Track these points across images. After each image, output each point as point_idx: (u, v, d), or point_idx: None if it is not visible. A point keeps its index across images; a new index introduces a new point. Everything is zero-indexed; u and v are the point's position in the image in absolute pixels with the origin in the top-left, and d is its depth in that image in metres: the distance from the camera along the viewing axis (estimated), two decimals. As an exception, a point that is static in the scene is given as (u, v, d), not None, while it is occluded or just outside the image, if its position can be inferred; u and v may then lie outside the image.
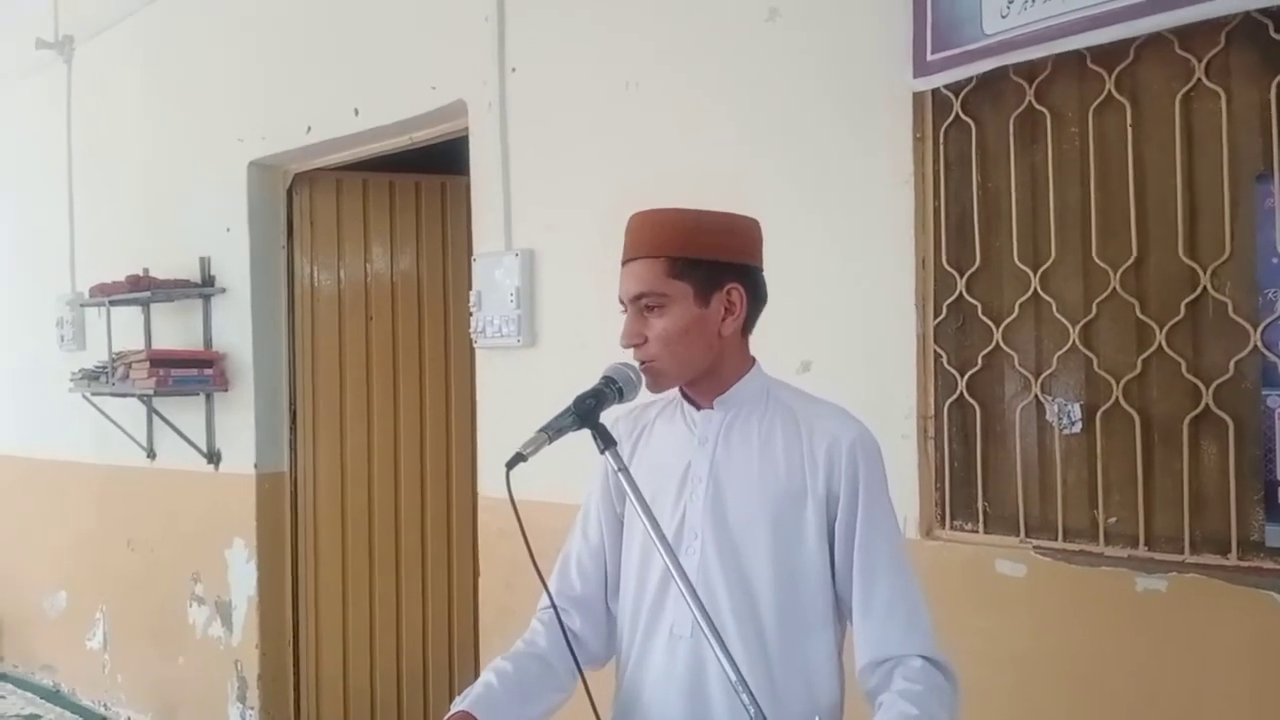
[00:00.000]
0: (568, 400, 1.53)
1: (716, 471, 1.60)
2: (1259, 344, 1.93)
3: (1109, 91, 2.10)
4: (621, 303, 1.61)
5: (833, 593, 1.59)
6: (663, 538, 1.45)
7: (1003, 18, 2.15)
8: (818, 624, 1.58)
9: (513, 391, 3.26)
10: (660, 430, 1.68)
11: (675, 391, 1.66)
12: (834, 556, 1.57)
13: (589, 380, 1.57)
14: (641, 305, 1.57)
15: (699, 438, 1.63)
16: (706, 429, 1.63)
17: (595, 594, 1.74)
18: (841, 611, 1.61)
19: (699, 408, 1.65)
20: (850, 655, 1.58)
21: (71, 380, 4.67)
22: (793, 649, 1.56)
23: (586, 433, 1.52)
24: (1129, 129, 2.08)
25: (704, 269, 1.57)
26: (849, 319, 2.47)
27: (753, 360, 1.67)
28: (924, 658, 1.51)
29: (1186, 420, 2.01)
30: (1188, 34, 1.98)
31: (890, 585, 1.54)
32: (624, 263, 1.61)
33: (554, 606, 1.65)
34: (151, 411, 4.58)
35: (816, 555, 1.56)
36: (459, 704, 1.56)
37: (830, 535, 1.57)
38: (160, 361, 4.24)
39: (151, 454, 4.73)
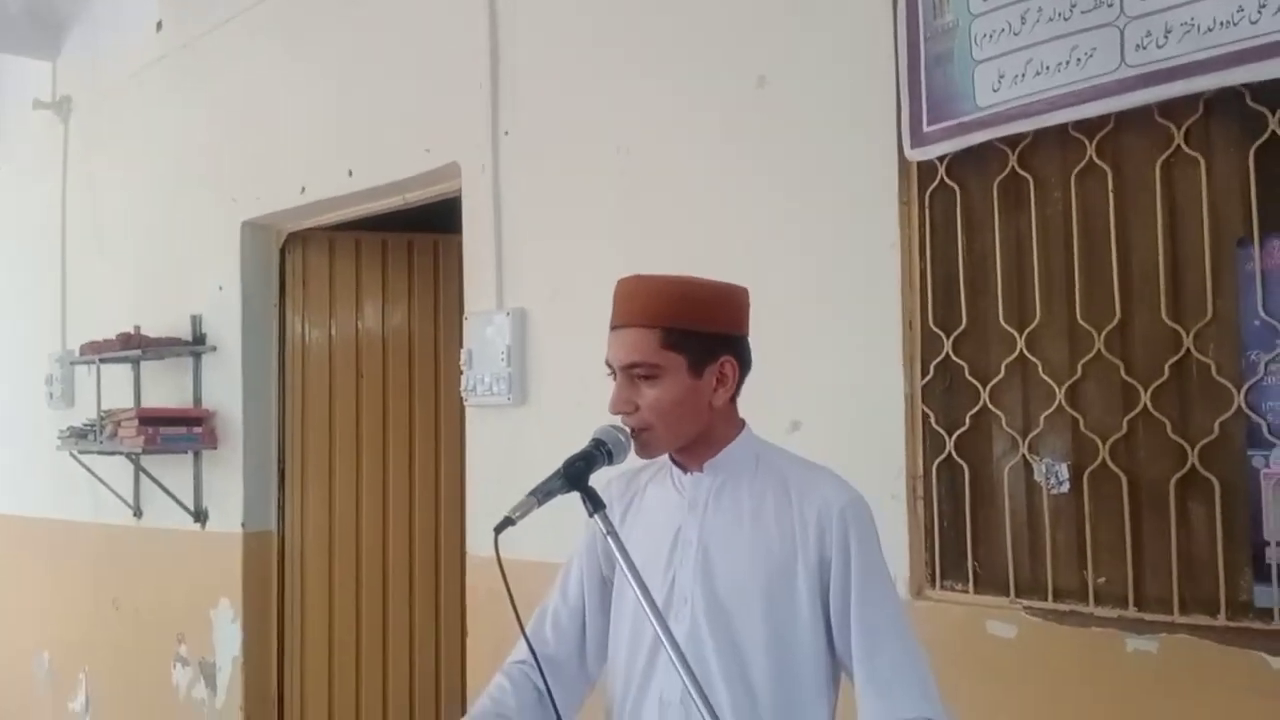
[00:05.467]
0: (558, 460, 1.53)
1: (706, 536, 1.60)
2: (1243, 405, 1.95)
3: (1090, 158, 2.14)
4: (609, 367, 1.61)
5: (827, 661, 1.57)
6: (652, 603, 1.44)
7: (994, 91, 2.20)
8: (812, 693, 1.56)
9: (503, 450, 3.26)
10: (652, 494, 1.68)
11: (666, 455, 1.66)
12: (830, 623, 1.55)
13: (579, 440, 1.58)
14: (633, 374, 1.56)
15: (689, 502, 1.63)
16: (696, 493, 1.62)
17: (568, 654, 1.72)
18: (836, 680, 1.59)
19: (688, 471, 1.64)
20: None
21: (59, 438, 4.66)
22: (788, 712, 1.54)
23: (576, 494, 1.52)
24: (1110, 195, 2.12)
25: (698, 340, 1.57)
26: (837, 379, 2.49)
27: (742, 423, 1.67)
28: None
29: (1173, 481, 2.02)
30: (1167, 103, 2.03)
31: (895, 651, 1.52)
32: (614, 327, 1.60)
33: (538, 664, 1.61)
34: (139, 470, 4.56)
35: (810, 623, 1.55)
36: None
37: (825, 603, 1.55)
38: (149, 420, 4.23)
39: (138, 513, 4.70)
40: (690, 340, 1.56)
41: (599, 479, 1.56)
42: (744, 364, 1.64)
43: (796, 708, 1.55)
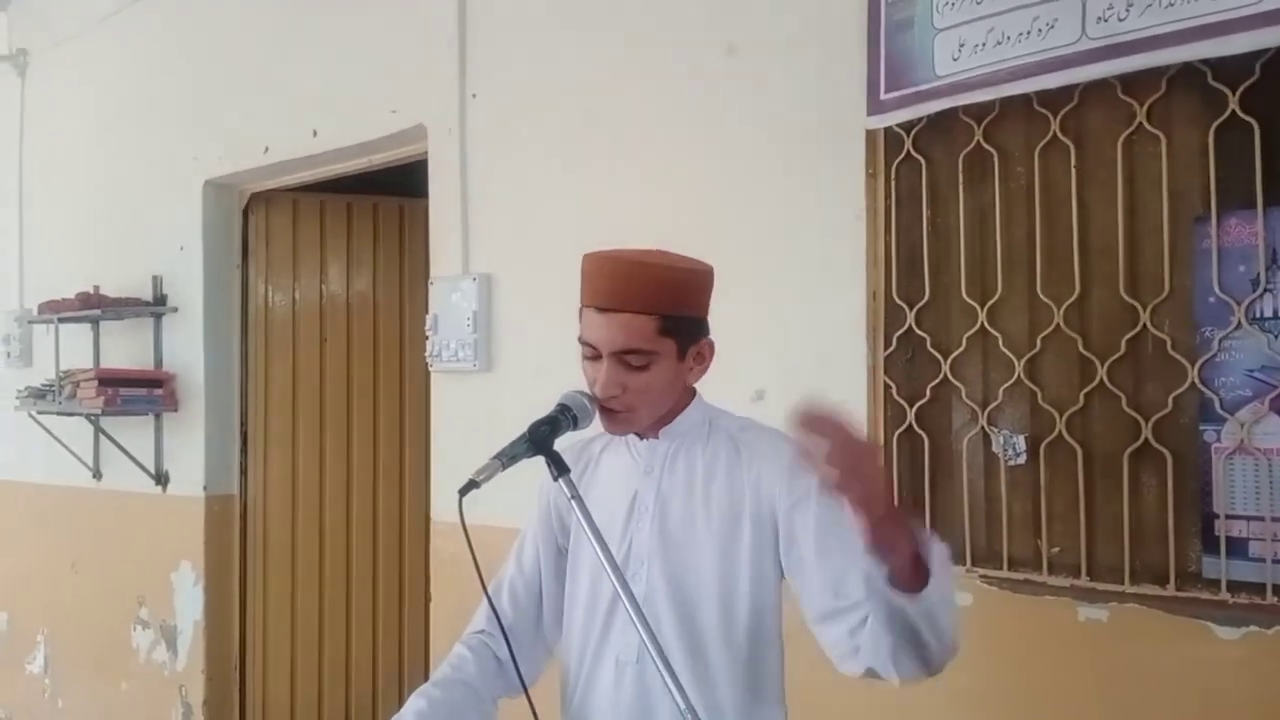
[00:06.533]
0: (523, 426, 1.54)
1: (663, 500, 1.63)
2: (1196, 380, 1.99)
3: (1054, 133, 2.16)
4: (590, 346, 1.58)
5: (775, 616, 1.61)
6: (614, 565, 1.47)
7: (954, 60, 2.21)
8: (763, 645, 1.60)
9: (468, 416, 3.26)
10: (606, 461, 1.70)
11: None
12: (783, 556, 1.56)
13: (545, 406, 1.58)
14: (623, 359, 1.55)
15: (644, 467, 1.65)
16: (652, 459, 1.65)
17: (526, 622, 1.75)
18: (782, 634, 1.63)
19: (643, 438, 1.67)
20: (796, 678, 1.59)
21: (17, 398, 4.59)
22: (738, 671, 1.58)
23: (541, 459, 1.53)
24: (1073, 170, 2.14)
25: (687, 326, 1.59)
26: (802, 350, 2.51)
27: (694, 390, 1.69)
28: None
29: (1127, 454, 2.06)
30: (1130, 80, 2.05)
31: (848, 552, 1.46)
32: (602, 309, 1.56)
33: (500, 626, 1.64)
34: (99, 431, 4.51)
35: (760, 577, 1.58)
36: None
37: (776, 558, 1.58)
38: (109, 381, 4.18)
39: (98, 474, 4.66)
40: (681, 326, 1.58)
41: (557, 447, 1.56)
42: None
43: (748, 661, 1.59)
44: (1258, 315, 1.94)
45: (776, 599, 1.62)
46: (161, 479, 4.39)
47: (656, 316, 1.54)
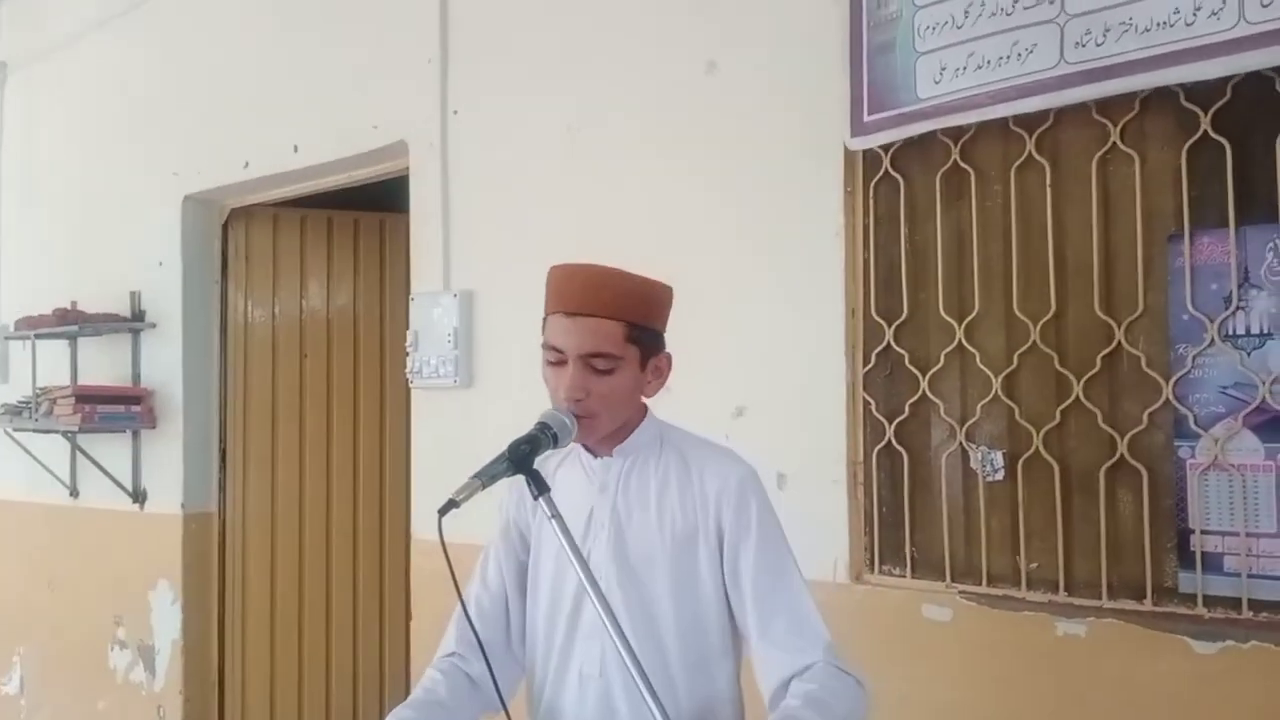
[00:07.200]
0: (504, 442, 1.54)
1: (618, 517, 1.66)
2: (1171, 397, 2.01)
3: (1030, 153, 2.18)
4: (556, 351, 1.61)
5: (730, 625, 1.64)
6: (593, 581, 1.48)
7: (935, 83, 2.23)
8: (718, 652, 1.64)
9: (449, 432, 3.25)
10: (561, 479, 1.70)
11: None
12: (728, 588, 1.62)
13: (526, 422, 1.58)
14: (592, 363, 1.58)
15: (599, 485, 1.68)
16: (606, 476, 1.68)
17: (495, 638, 1.75)
18: (738, 641, 1.66)
19: (597, 455, 1.69)
20: (752, 683, 1.62)
21: (-7, 415, 4.55)
22: (696, 683, 1.62)
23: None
24: (1048, 188, 2.17)
25: (649, 336, 1.63)
26: (782, 366, 2.52)
27: (645, 407, 1.72)
28: (826, 663, 1.55)
29: (1103, 469, 2.08)
30: (1105, 101, 2.08)
31: (790, 613, 1.58)
32: (570, 313, 1.60)
33: (477, 639, 1.63)
34: (75, 448, 4.47)
35: (713, 591, 1.62)
36: None
37: (723, 570, 1.62)
38: (86, 397, 4.14)
39: (74, 492, 4.62)
40: (645, 335, 1.62)
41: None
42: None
43: (703, 666, 1.63)
44: (1230, 332, 1.97)
45: (728, 604, 1.65)
46: (139, 497, 4.35)
47: (624, 323, 1.59)
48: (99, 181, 4.63)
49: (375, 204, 4.29)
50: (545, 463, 1.74)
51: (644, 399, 1.70)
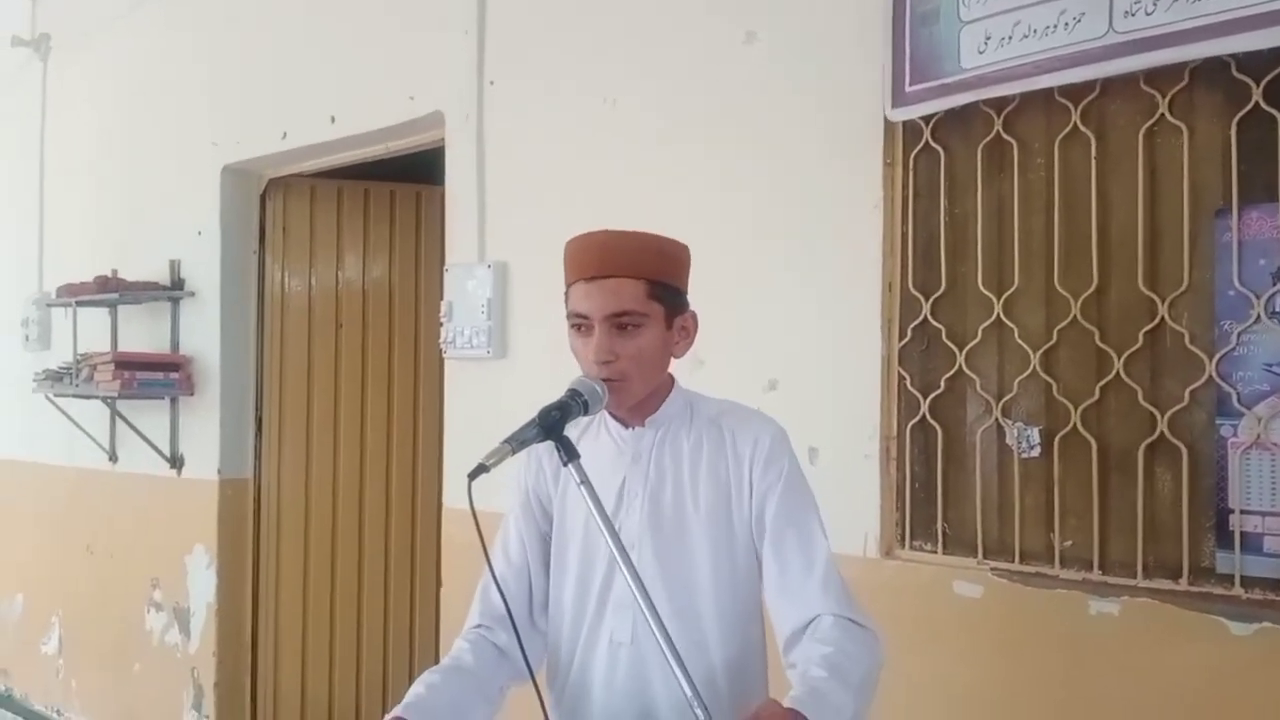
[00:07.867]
0: (535, 412, 1.54)
1: (652, 486, 1.66)
2: (1214, 374, 1.98)
3: (1075, 124, 2.14)
4: (581, 318, 1.61)
5: (760, 581, 1.66)
6: (622, 550, 1.48)
7: (979, 53, 2.19)
8: (751, 612, 1.66)
9: (481, 403, 3.27)
10: (585, 449, 1.66)
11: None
12: (755, 539, 1.64)
13: (558, 393, 1.58)
14: (616, 323, 1.58)
15: (632, 455, 1.68)
16: (639, 445, 1.68)
17: (520, 611, 1.74)
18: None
19: (629, 426, 1.69)
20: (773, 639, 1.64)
21: (35, 381, 4.63)
22: (729, 637, 1.63)
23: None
24: (1093, 161, 2.13)
25: (672, 294, 1.63)
26: (816, 339, 2.50)
27: (672, 378, 1.72)
28: (837, 616, 1.55)
29: (1142, 447, 2.05)
30: (1153, 71, 2.03)
31: (805, 554, 1.60)
32: (591, 278, 1.61)
33: (505, 604, 1.62)
34: (115, 414, 4.53)
35: (745, 552, 1.64)
36: (393, 713, 1.56)
37: (752, 524, 1.64)
38: (125, 364, 4.20)
39: (114, 457, 4.69)
40: (668, 293, 1.62)
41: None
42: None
43: (737, 623, 1.64)
44: (1277, 309, 1.92)
45: (760, 568, 1.66)
46: (177, 462, 4.41)
47: (645, 281, 1.59)
48: (139, 152, 4.68)
49: (411, 176, 4.30)
50: (568, 434, 1.74)
51: (673, 360, 1.69)
